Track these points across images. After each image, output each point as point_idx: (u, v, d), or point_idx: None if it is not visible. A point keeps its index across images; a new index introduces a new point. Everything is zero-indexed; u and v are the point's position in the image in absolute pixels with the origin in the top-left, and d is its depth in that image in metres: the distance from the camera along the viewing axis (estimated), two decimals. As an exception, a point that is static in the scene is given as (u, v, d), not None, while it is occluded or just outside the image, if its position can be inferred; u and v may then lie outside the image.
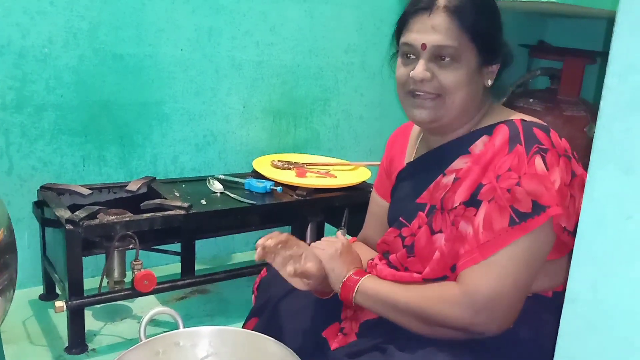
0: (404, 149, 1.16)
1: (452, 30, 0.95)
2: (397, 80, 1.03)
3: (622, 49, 0.52)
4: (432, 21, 0.96)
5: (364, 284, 1.01)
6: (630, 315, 0.53)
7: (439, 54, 0.96)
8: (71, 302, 1.48)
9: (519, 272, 0.90)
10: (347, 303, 1.03)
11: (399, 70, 1.02)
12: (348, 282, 1.02)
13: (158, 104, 1.94)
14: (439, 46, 0.95)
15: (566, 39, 2.69)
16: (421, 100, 0.99)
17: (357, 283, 1.01)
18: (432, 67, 0.97)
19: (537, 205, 0.89)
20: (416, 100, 0.99)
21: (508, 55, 1.03)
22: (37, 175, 1.78)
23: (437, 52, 0.96)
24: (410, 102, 1.01)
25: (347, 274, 1.03)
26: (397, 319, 0.97)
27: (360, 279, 1.02)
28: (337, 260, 1.04)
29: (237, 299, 1.91)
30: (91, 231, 1.50)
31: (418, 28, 0.97)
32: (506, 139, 0.94)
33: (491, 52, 1.00)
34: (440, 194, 1.00)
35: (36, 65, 1.72)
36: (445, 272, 0.97)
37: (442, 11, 0.96)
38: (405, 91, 1.01)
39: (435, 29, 0.95)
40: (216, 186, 1.86)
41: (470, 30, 0.96)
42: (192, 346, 1.05)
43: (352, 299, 1.01)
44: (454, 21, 0.95)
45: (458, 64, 0.96)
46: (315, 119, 2.29)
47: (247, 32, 2.04)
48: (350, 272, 1.03)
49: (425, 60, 0.97)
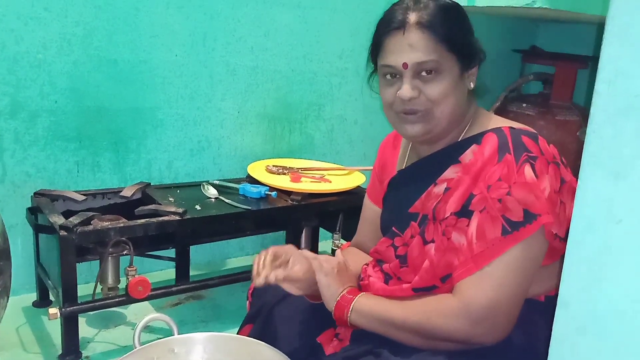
0: (395, 155, 1.17)
1: (429, 44, 0.96)
2: (384, 101, 1.03)
3: (612, 55, 0.53)
4: (407, 40, 0.96)
5: (358, 303, 1.00)
6: (622, 319, 0.54)
7: (421, 70, 0.97)
8: (65, 308, 1.47)
9: (514, 281, 0.90)
10: (342, 323, 1.02)
11: (383, 91, 1.03)
12: (342, 301, 1.01)
13: (152, 110, 1.94)
14: (420, 62, 0.96)
15: (558, 44, 2.71)
16: (412, 117, 0.99)
17: (351, 302, 1.00)
18: (417, 83, 0.97)
19: (529, 213, 0.90)
20: (407, 117, 1.00)
21: (482, 54, 1.03)
22: (31, 181, 1.78)
23: (419, 69, 0.97)
24: (400, 120, 1.01)
25: (341, 293, 1.02)
26: (395, 336, 0.97)
27: (355, 297, 1.01)
28: (333, 277, 1.03)
29: (231, 304, 1.90)
30: (85, 237, 1.49)
31: (395, 48, 0.98)
32: (495, 148, 0.94)
33: (469, 56, 1.00)
34: (432, 203, 1.00)
35: (30, 71, 1.71)
36: (435, 282, 0.97)
37: (416, 28, 0.96)
38: (395, 111, 1.01)
39: (413, 47, 0.96)
40: (211, 191, 1.86)
41: (446, 41, 0.96)
42: (187, 352, 1.05)
43: (347, 318, 1.00)
44: (429, 35, 0.96)
45: (441, 76, 0.97)
46: (310, 124, 2.30)
47: (242, 37, 2.05)
48: (344, 291, 1.02)
49: (410, 79, 0.97)
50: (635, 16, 0.51)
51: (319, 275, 1.03)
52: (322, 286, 1.03)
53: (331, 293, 1.03)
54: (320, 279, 1.03)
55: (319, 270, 1.04)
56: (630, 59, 0.51)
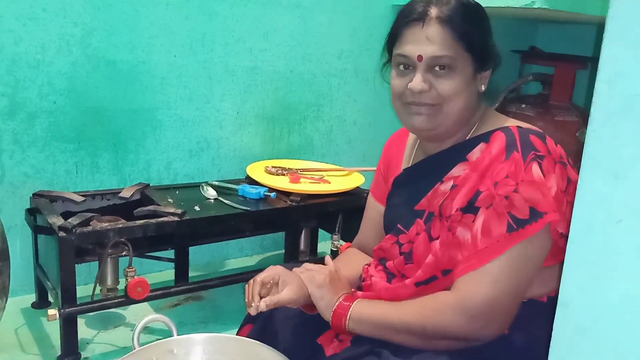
0: (401, 154, 1.17)
1: (446, 40, 0.96)
2: (393, 91, 1.03)
3: (611, 56, 0.53)
4: (426, 32, 0.97)
5: (355, 310, 1.00)
6: (622, 319, 0.54)
7: (435, 65, 0.97)
8: (64, 310, 1.47)
9: (513, 278, 0.90)
10: (340, 331, 1.02)
11: (394, 81, 1.03)
12: (339, 309, 1.01)
13: (151, 110, 1.94)
14: (436, 57, 0.96)
15: (557, 44, 2.71)
16: (419, 108, 1.00)
17: (348, 309, 1.00)
18: (429, 77, 0.98)
19: (535, 211, 0.90)
20: (414, 108, 1.00)
21: (498, 59, 1.04)
22: (30, 182, 1.77)
23: (433, 63, 0.97)
24: (407, 111, 1.02)
25: (337, 302, 1.02)
26: (395, 339, 0.96)
27: (351, 304, 1.00)
28: (327, 288, 1.03)
29: (231, 305, 1.90)
30: (84, 238, 1.49)
31: (412, 39, 0.98)
32: (503, 146, 0.95)
33: (484, 58, 1.01)
34: (439, 201, 1.00)
35: (29, 72, 1.71)
36: (435, 273, 0.97)
37: (435, 22, 0.97)
38: (403, 102, 1.02)
39: (430, 40, 0.96)
40: (210, 192, 1.86)
41: (463, 39, 0.97)
42: (186, 354, 1.05)
43: (345, 326, 1.00)
44: (448, 31, 0.96)
45: (454, 73, 0.97)
46: (309, 124, 2.30)
47: (241, 38, 2.05)
48: (339, 300, 1.02)
49: (422, 72, 0.97)
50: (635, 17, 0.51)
51: (311, 288, 1.03)
52: (316, 299, 1.03)
53: (326, 303, 1.02)
54: (314, 292, 1.03)
55: (310, 283, 1.03)
56: (630, 59, 0.51)
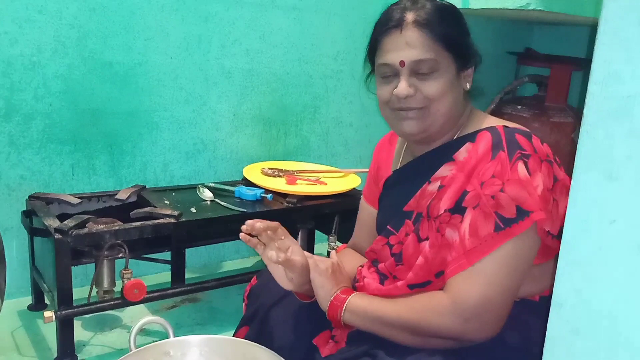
0: (391, 156, 1.18)
1: (426, 43, 0.97)
2: (380, 100, 1.05)
3: (604, 57, 0.53)
4: (404, 38, 0.98)
5: (351, 302, 1.00)
6: (616, 319, 0.54)
7: (418, 68, 0.98)
8: (60, 312, 1.47)
9: (506, 278, 0.91)
10: (335, 322, 1.03)
11: (380, 90, 1.04)
12: (335, 301, 1.02)
13: (147, 112, 1.94)
14: (417, 60, 0.97)
15: (553, 46, 2.73)
16: (407, 113, 1.00)
17: (344, 302, 1.01)
18: (413, 81, 0.99)
19: (521, 210, 0.90)
20: (402, 113, 1.01)
21: (478, 57, 1.05)
22: (26, 184, 1.77)
23: (416, 67, 0.98)
24: (396, 117, 1.02)
25: (335, 293, 1.03)
26: (388, 334, 0.97)
27: (348, 297, 1.01)
28: (328, 277, 1.04)
29: (227, 307, 1.90)
30: (80, 240, 1.49)
31: (392, 47, 0.99)
32: (489, 146, 0.95)
33: (465, 56, 1.02)
34: (426, 201, 1.01)
35: (25, 74, 1.71)
36: (429, 278, 0.98)
37: (413, 26, 0.97)
38: (391, 109, 1.02)
39: (410, 45, 0.97)
40: (206, 194, 1.86)
41: (443, 40, 0.98)
42: (183, 355, 1.05)
43: (340, 318, 1.01)
44: (426, 34, 0.97)
45: (438, 74, 0.98)
46: (305, 126, 2.30)
47: (237, 40, 2.05)
48: (337, 291, 1.03)
49: (406, 77, 0.98)
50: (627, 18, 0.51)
51: (313, 274, 1.04)
52: (316, 285, 1.04)
53: (325, 292, 1.03)
54: (315, 278, 1.04)
55: (313, 268, 1.04)
56: (623, 60, 0.52)
